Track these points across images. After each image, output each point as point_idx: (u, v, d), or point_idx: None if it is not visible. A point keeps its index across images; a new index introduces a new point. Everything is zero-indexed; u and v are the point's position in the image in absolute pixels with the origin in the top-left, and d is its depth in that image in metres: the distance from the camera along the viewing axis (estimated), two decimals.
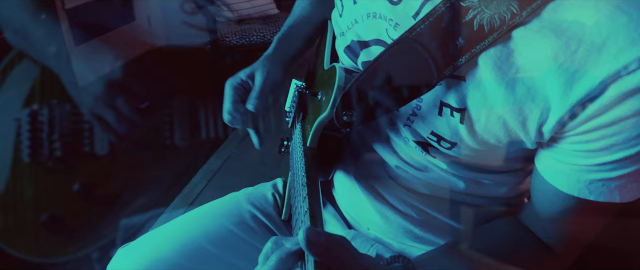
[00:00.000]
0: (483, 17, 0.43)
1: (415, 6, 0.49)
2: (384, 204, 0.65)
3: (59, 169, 0.90)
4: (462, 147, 0.52)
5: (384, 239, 0.70)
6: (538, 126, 0.45)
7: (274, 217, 0.77)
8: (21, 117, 0.82)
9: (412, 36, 0.47)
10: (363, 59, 0.59)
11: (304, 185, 0.50)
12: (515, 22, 0.42)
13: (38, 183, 0.88)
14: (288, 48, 0.75)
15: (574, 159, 0.46)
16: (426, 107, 0.52)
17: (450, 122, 0.50)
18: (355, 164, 0.67)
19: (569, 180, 0.48)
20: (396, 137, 0.60)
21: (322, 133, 0.61)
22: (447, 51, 0.45)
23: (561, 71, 0.41)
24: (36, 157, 0.85)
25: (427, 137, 0.54)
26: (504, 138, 0.48)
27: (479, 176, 0.59)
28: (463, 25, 0.44)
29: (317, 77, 0.72)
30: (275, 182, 0.84)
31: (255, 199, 0.79)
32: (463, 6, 0.44)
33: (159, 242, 0.72)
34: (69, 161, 0.89)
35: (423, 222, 0.64)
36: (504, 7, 0.42)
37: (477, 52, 0.44)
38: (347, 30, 0.60)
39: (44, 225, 0.92)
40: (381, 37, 0.55)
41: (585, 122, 0.42)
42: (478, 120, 0.48)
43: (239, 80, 0.69)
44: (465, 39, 0.44)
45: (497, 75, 0.44)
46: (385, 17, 0.53)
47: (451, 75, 0.47)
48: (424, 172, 0.60)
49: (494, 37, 0.43)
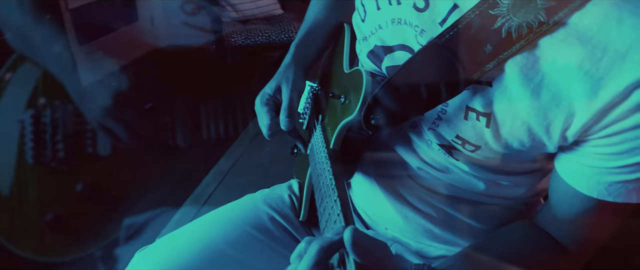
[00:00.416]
0: (511, 25, 0.44)
1: (442, 13, 0.51)
2: (404, 204, 0.66)
3: (62, 170, 0.91)
4: (485, 150, 0.53)
5: (402, 238, 0.71)
6: (562, 131, 0.47)
7: (291, 218, 0.78)
8: (25, 119, 0.84)
9: (441, 42, 0.48)
10: (387, 64, 0.60)
11: (334, 188, 0.51)
12: (542, 30, 0.43)
13: (42, 184, 0.89)
14: (307, 54, 0.76)
15: (595, 162, 0.48)
16: (452, 111, 0.53)
17: (475, 126, 0.52)
18: (375, 164, 0.68)
19: (589, 182, 0.49)
20: (418, 139, 0.61)
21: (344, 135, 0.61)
22: (475, 57, 0.47)
23: (587, 78, 0.42)
24: (40, 158, 0.86)
25: (452, 141, 0.55)
26: (527, 142, 0.50)
27: (498, 178, 0.60)
28: (492, 33, 0.45)
29: (335, 79, 0.72)
30: (291, 184, 0.84)
31: (272, 200, 0.79)
32: (492, 14, 0.45)
33: (177, 245, 0.72)
34: (72, 162, 0.90)
35: (443, 221, 0.65)
36: (532, 15, 0.43)
37: (504, 58, 0.46)
38: (371, 35, 0.61)
39: (49, 226, 0.93)
40: (406, 43, 0.56)
41: (608, 126, 0.44)
42: (503, 125, 0.49)
43: (267, 96, 0.70)
44: (494, 45, 0.45)
45: (523, 81, 0.46)
46: (411, 24, 0.54)
47: (478, 80, 0.48)
48: (445, 173, 0.62)
49: (521, 44, 0.44)
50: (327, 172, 0.56)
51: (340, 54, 0.76)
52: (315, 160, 0.65)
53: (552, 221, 0.57)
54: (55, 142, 0.88)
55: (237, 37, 2.21)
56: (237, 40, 2.19)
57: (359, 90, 0.57)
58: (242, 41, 2.20)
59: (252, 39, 2.23)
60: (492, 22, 0.45)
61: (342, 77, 0.69)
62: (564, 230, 0.56)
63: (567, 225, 0.55)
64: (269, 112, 0.69)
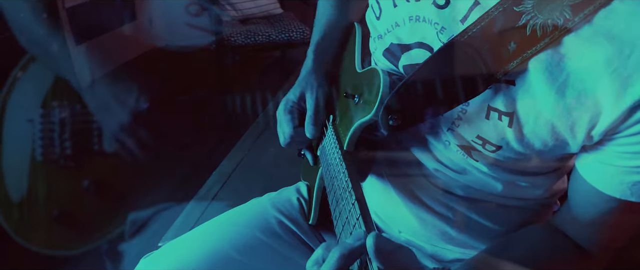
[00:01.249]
0: (536, 22, 0.43)
1: (463, 10, 0.50)
2: (420, 206, 0.64)
3: (70, 167, 0.93)
4: (506, 151, 0.52)
5: (416, 242, 0.69)
6: (587, 130, 0.46)
7: (300, 222, 0.76)
8: (34, 118, 0.86)
9: (463, 40, 0.47)
10: (404, 62, 0.58)
11: (351, 190, 0.49)
12: (567, 28, 0.42)
13: (50, 181, 0.92)
14: (326, 58, 0.75)
15: (619, 161, 0.47)
16: (473, 111, 0.52)
17: (497, 126, 0.50)
18: (389, 166, 0.66)
19: (612, 181, 0.49)
20: (435, 140, 0.59)
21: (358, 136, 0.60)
22: (499, 55, 0.46)
23: (615, 76, 0.41)
24: (46, 156, 0.88)
25: (472, 141, 0.54)
26: (550, 142, 0.49)
27: (517, 178, 0.59)
28: (516, 30, 0.44)
29: (347, 79, 0.71)
30: (299, 187, 0.83)
31: (281, 204, 0.78)
32: (516, 11, 0.44)
33: (184, 251, 0.71)
34: (79, 159, 0.93)
35: (459, 223, 0.64)
36: (557, 12, 0.43)
37: (528, 56, 0.45)
38: (386, 33, 0.59)
39: (56, 220, 0.96)
40: (425, 41, 0.55)
41: (635, 124, 0.43)
42: (526, 124, 0.48)
43: (291, 103, 0.69)
44: (518, 43, 0.45)
45: (547, 79, 0.45)
46: (431, 21, 0.53)
47: (501, 79, 0.47)
48: (462, 174, 0.60)
49: (545, 42, 0.44)
50: (343, 174, 0.54)
51: (351, 53, 0.74)
52: (327, 162, 0.63)
53: (571, 223, 0.56)
54: (62, 140, 0.90)
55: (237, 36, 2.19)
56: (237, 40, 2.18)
57: (375, 90, 0.55)
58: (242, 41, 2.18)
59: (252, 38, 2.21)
60: (516, 19, 0.44)
61: (354, 76, 0.67)
62: (583, 232, 0.55)
63: (588, 227, 0.54)
64: (292, 120, 0.68)
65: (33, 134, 0.87)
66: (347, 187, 0.51)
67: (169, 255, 0.71)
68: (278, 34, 2.25)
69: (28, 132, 0.87)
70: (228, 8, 2.26)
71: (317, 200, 0.73)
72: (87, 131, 0.92)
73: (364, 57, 0.72)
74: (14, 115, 0.87)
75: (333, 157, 0.61)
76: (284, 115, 0.69)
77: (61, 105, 0.90)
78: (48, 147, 0.88)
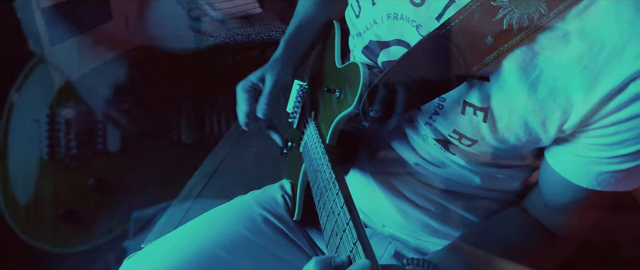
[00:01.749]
0: (513, 17, 0.44)
1: (438, 8, 0.51)
2: (402, 200, 0.65)
3: (75, 166, 0.99)
4: (482, 145, 0.54)
5: (399, 235, 0.70)
6: (559, 125, 0.47)
7: (285, 218, 0.76)
8: (40, 119, 0.90)
9: (442, 33, 0.48)
10: (383, 58, 0.59)
11: (334, 181, 0.50)
12: (542, 23, 0.44)
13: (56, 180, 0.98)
14: (296, 50, 0.75)
15: (588, 152, 0.49)
16: (449, 106, 0.53)
17: (472, 121, 0.52)
18: (371, 161, 0.67)
19: (580, 172, 0.51)
20: (415, 134, 0.60)
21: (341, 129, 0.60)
22: (476, 49, 0.47)
23: (585, 72, 0.43)
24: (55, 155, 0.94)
25: (448, 135, 0.55)
26: (523, 137, 0.50)
27: (494, 171, 0.61)
28: (493, 24, 0.45)
29: (328, 75, 0.71)
30: (282, 184, 0.83)
31: (265, 201, 0.78)
32: (493, 5, 0.45)
33: (168, 251, 0.70)
34: (84, 159, 0.98)
35: (441, 215, 0.66)
36: (533, 7, 0.44)
37: (504, 50, 0.46)
38: (365, 30, 0.60)
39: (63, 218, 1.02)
40: (403, 38, 0.56)
41: (604, 118, 0.45)
42: (500, 119, 0.50)
43: (250, 83, 0.69)
44: (495, 37, 0.45)
45: (521, 76, 0.46)
46: (408, 18, 0.54)
47: (477, 74, 0.48)
48: (441, 168, 0.61)
49: (521, 36, 0.45)
50: (326, 167, 0.55)
51: (330, 51, 0.75)
52: (310, 157, 0.64)
53: (542, 209, 0.59)
54: (68, 140, 0.96)
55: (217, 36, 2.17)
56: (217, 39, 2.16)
57: (356, 83, 0.56)
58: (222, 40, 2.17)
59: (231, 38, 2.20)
60: (493, 13, 0.45)
61: (335, 72, 0.68)
62: (553, 218, 0.58)
63: (557, 213, 0.57)
64: (248, 98, 0.68)
65: (40, 134, 0.92)
66: (330, 179, 0.52)
67: (153, 256, 0.70)
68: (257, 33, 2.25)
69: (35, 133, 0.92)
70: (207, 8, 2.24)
71: (301, 196, 0.74)
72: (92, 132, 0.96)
73: (343, 55, 0.73)
74: (22, 118, 0.92)
75: (315, 152, 0.62)
76: (241, 93, 0.69)
77: (67, 107, 0.95)
78: (54, 147, 0.93)
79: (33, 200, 0.91)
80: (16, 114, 0.91)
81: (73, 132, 0.90)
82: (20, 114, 0.91)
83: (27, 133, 0.90)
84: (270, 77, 0.69)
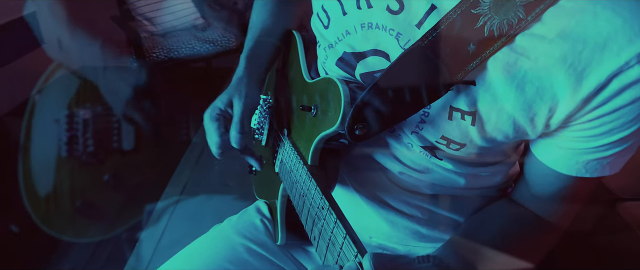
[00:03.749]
0: (493, 23, 0.45)
1: (418, 15, 0.50)
2: (388, 210, 0.64)
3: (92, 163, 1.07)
4: (470, 147, 0.54)
5: (388, 244, 0.69)
6: (546, 120, 0.48)
7: (268, 245, 0.73)
8: (60, 119, 0.97)
9: (424, 44, 0.47)
10: (361, 70, 0.57)
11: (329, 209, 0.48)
12: (521, 27, 0.44)
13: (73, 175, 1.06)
14: (259, 66, 0.71)
15: (574, 144, 0.50)
16: (435, 113, 0.52)
17: (460, 125, 0.52)
18: (353, 174, 0.65)
19: (568, 162, 0.52)
20: (398, 144, 0.59)
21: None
22: (459, 56, 0.46)
23: (571, 71, 0.44)
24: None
25: (436, 142, 0.55)
26: (511, 134, 0.51)
27: (478, 170, 0.61)
28: (474, 31, 0.45)
29: (296, 90, 0.68)
30: (258, 206, 0.79)
31: (245, 228, 0.74)
32: (474, 13, 0.45)
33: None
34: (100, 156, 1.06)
35: (428, 220, 0.65)
36: (512, 13, 0.44)
37: (487, 56, 0.46)
38: (337, 42, 0.58)
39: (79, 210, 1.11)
40: (379, 47, 0.54)
41: (589, 112, 0.46)
42: (488, 121, 0.50)
43: (218, 111, 0.65)
44: (477, 44, 0.46)
45: (506, 77, 0.46)
46: (385, 27, 0.52)
47: (462, 80, 0.48)
48: (426, 173, 0.61)
49: (503, 41, 0.45)
50: (316, 192, 0.52)
51: (295, 64, 0.72)
52: (292, 179, 0.61)
53: (531, 199, 0.60)
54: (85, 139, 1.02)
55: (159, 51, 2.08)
56: (159, 55, 2.06)
57: (336, 101, 0.53)
58: (165, 55, 2.07)
59: (175, 52, 2.11)
60: (474, 21, 0.45)
61: (305, 87, 0.65)
62: (544, 206, 0.59)
63: (547, 201, 0.58)
64: (218, 128, 0.64)
65: (59, 133, 0.99)
66: (324, 206, 0.49)
67: None
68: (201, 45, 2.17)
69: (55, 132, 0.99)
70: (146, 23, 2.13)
71: (282, 219, 0.70)
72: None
73: (310, 67, 0.70)
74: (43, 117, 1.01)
75: (298, 174, 0.59)
76: (210, 123, 0.65)
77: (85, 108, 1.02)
78: (72, 145, 1.00)
79: (52, 194, 1.00)
80: (37, 114, 0.99)
81: (90, 131, 0.98)
82: (41, 114, 0.99)
83: (47, 132, 0.98)
84: (238, 100, 0.65)
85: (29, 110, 0.99)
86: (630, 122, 0.46)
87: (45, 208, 1.01)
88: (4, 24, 2.12)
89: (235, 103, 0.65)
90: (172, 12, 2.20)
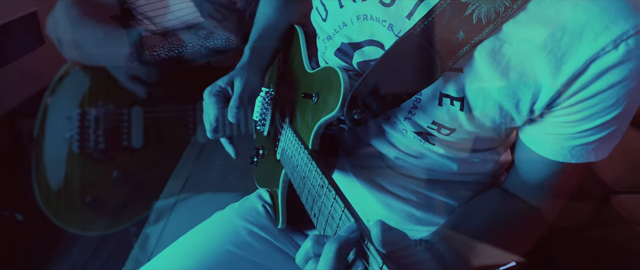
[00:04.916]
0: (481, 11, 0.47)
1: (408, 7, 0.52)
2: (385, 194, 0.67)
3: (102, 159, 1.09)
4: (460, 132, 0.57)
5: None
6: (530, 106, 0.51)
7: (269, 227, 0.76)
8: (72, 116, 1.00)
9: (416, 32, 0.50)
10: (358, 59, 0.60)
11: (328, 187, 0.51)
12: (507, 14, 0.47)
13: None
14: (262, 57, 0.75)
15: (558, 130, 0.53)
16: (426, 99, 0.55)
17: (450, 111, 0.54)
18: (350, 159, 0.68)
19: (554, 148, 0.54)
20: (393, 130, 0.62)
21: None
22: (449, 44, 0.49)
23: (551, 56, 0.47)
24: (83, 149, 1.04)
25: (428, 127, 0.57)
26: (498, 119, 0.53)
27: (470, 156, 0.64)
28: (463, 20, 0.48)
29: (299, 80, 0.72)
30: (260, 194, 0.82)
31: (247, 213, 0.77)
32: (463, 2, 0.48)
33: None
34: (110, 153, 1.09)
35: (423, 204, 0.68)
36: (498, 1, 0.47)
37: (475, 43, 0.49)
38: (335, 33, 0.61)
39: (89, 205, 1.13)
40: (374, 38, 0.57)
41: (570, 97, 0.49)
42: (476, 106, 0.53)
43: (218, 88, 0.68)
44: (466, 32, 0.48)
45: (492, 64, 0.49)
46: (378, 19, 0.55)
47: (451, 67, 0.50)
48: (420, 159, 0.64)
49: (490, 29, 0.48)
50: (316, 173, 0.55)
51: (297, 56, 0.76)
52: (293, 164, 0.64)
53: (522, 187, 0.62)
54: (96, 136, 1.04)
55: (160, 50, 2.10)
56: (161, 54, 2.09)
57: (336, 87, 0.57)
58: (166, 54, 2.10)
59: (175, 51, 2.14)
60: (463, 9, 0.48)
61: (307, 77, 0.68)
62: (534, 193, 0.61)
63: (537, 188, 0.60)
64: (217, 103, 0.67)
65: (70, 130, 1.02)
66: (323, 184, 0.52)
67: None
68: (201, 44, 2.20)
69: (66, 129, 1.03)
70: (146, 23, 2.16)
71: (283, 204, 0.73)
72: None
73: (311, 58, 0.74)
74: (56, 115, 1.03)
75: (299, 158, 0.62)
76: (209, 97, 0.67)
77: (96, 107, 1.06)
78: (84, 142, 1.03)
79: (64, 188, 1.03)
80: (50, 112, 1.02)
81: (101, 128, 1.01)
82: (54, 112, 1.02)
83: (59, 129, 1.01)
84: (239, 80, 0.68)
85: (42, 109, 1.02)
86: (611, 107, 0.48)
87: (56, 202, 1.04)
88: (4, 24, 2.15)
89: (236, 82, 0.68)
90: (172, 11, 2.23)
